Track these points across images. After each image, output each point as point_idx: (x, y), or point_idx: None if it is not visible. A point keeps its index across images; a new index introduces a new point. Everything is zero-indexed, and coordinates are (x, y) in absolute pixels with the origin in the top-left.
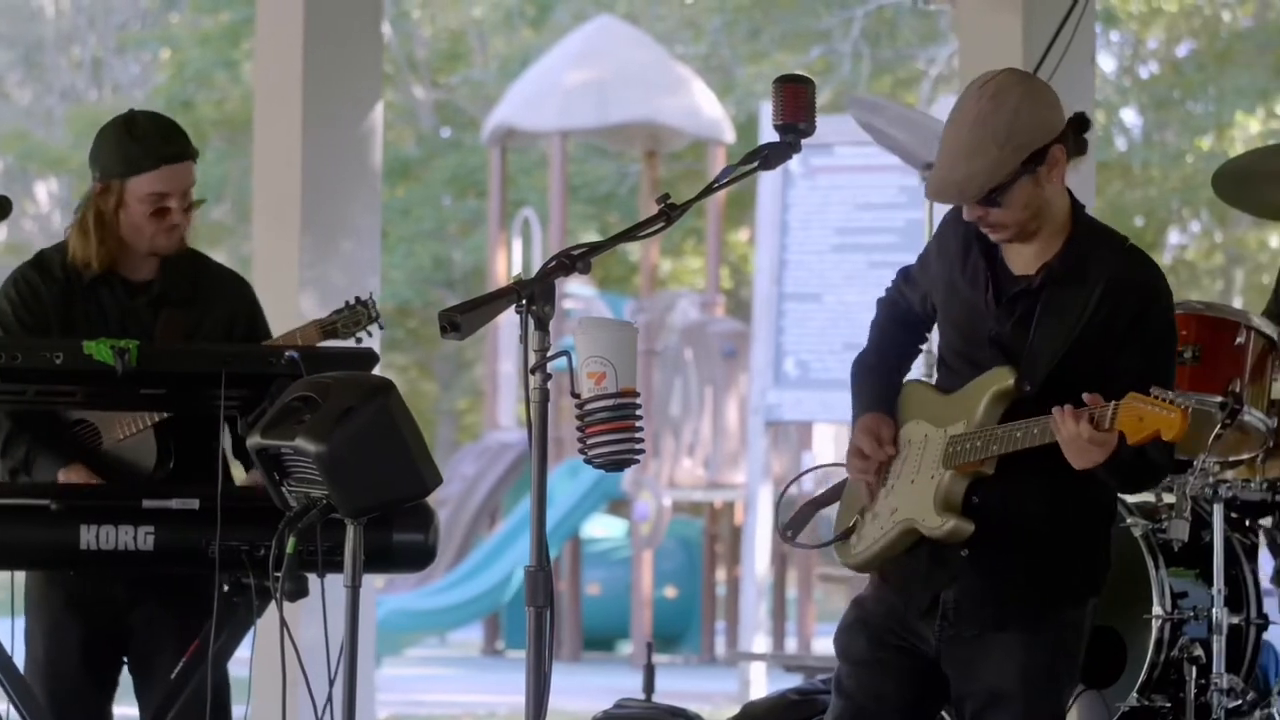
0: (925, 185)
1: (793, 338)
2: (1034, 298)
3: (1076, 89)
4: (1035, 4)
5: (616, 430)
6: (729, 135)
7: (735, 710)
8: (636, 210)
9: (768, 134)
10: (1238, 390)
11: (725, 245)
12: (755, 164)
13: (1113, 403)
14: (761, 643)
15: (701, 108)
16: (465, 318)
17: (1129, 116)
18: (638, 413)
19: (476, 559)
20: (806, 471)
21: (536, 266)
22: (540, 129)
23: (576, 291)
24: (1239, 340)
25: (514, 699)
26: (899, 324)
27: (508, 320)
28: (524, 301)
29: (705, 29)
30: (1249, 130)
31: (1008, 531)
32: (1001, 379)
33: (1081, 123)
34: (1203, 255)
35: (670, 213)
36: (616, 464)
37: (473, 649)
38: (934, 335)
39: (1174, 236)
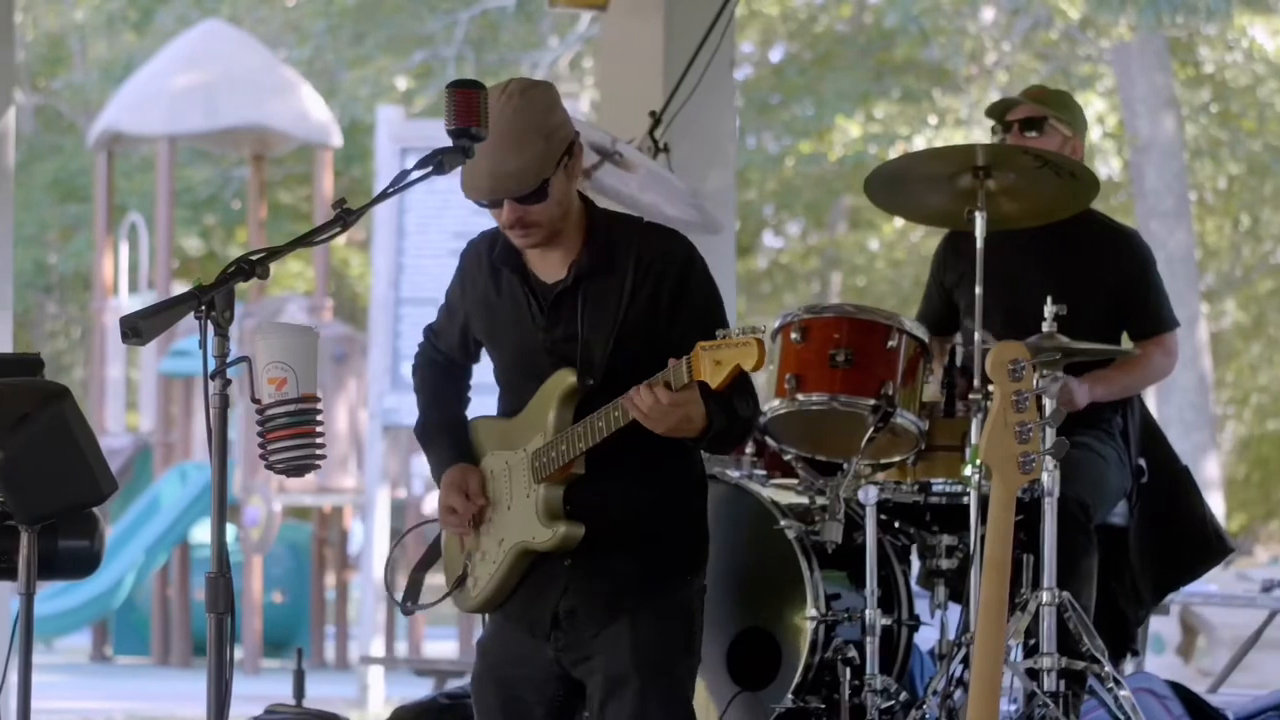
0: (468, 185)
1: (409, 342)
2: (572, 297)
3: (719, 96)
4: (676, 12)
5: (298, 435)
6: (336, 139)
7: (356, 715)
8: (239, 215)
9: (384, 139)
10: (890, 393)
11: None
12: (429, 169)
13: (683, 358)
14: (378, 646)
15: (309, 112)
16: (146, 323)
17: None
18: (319, 418)
19: None
20: (407, 532)
21: (144, 272)
22: (147, 133)
23: None
24: (891, 343)
25: (127, 705)
26: (445, 378)
27: (111, 324)
28: (204, 307)
29: (309, 33)
30: (849, 134)
31: (608, 528)
32: (562, 380)
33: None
34: (799, 258)
35: (346, 218)
36: (298, 469)
37: (81, 655)
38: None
39: (769, 239)
